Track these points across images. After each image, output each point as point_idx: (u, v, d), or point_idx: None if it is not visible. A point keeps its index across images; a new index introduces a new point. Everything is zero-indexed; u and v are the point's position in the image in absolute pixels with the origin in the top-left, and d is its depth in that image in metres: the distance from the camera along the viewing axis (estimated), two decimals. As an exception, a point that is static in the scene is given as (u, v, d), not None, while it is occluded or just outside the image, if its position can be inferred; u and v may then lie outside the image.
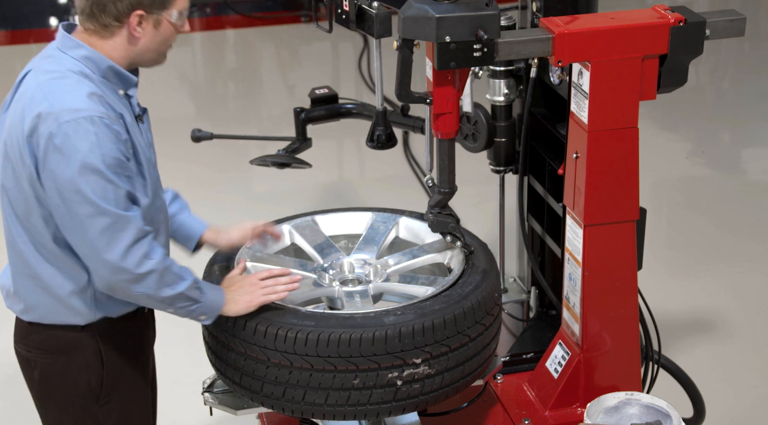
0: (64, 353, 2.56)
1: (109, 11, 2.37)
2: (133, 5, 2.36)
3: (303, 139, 3.30)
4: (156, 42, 2.44)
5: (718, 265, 4.86)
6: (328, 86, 3.46)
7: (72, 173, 2.28)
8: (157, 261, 2.41)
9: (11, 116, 2.39)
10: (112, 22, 2.38)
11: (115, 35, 2.40)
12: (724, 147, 6.40)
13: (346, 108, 3.48)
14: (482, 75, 3.15)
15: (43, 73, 2.38)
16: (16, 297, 2.57)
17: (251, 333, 2.65)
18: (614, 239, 2.92)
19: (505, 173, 3.53)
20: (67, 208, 2.32)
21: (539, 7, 3.15)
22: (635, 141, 2.84)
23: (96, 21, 2.39)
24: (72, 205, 2.31)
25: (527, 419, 3.10)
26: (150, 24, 2.41)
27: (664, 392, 3.26)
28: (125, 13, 2.37)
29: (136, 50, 2.43)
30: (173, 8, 2.42)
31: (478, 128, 3.42)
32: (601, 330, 3.01)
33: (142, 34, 2.41)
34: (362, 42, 7.83)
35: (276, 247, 3.12)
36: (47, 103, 2.31)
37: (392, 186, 5.59)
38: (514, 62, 3.36)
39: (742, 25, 2.86)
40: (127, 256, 2.36)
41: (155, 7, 2.39)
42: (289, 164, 3.20)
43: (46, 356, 2.58)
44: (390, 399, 2.68)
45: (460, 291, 2.77)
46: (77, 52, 2.40)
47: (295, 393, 2.67)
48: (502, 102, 3.40)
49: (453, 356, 2.71)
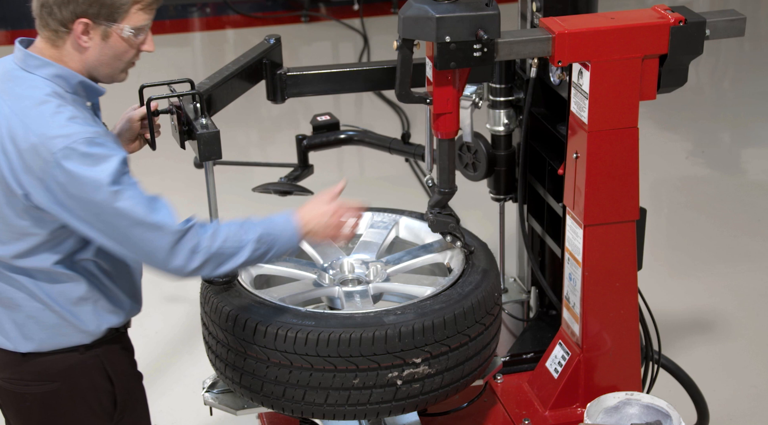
0: (67, 378, 2.49)
1: (55, 16, 2.27)
2: (76, 13, 2.26)
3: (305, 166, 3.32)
4: (107, 55, 2.33)
5: (719, 265, 4.86)
6: (329, 113, 3.47)
7: (103, 196, 2.23)
8: (204, 251, 2.33)
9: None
10: (60, 28, 2.29)
11: (66, 43, 2.31)
12: (724, 147, 6.40)
13: (348, 135, 3.50)
14: (482, 105, 3.16)
15: (17, 99, 2.28)
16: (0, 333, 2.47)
17: (251, 333, 2.65)
18: (614, 239, 2.92)
19: (505, 201, 3.55)
20: (108, 228, 2.27)
21: (539, 7, 3.15)
22: (635, 141, 2.84)
23: (47, 26, 2.30)
24: (111, 222, 2.26)
25: (527, 419, 3.10)
26: (98, 34, 2.29)
27: (664, 392, 3.26)
28: (69, 20, 2.27)
29: (88, 61, 2.33)
30: (124, 22, 2.30)
31: (478, 157, 3.45)
32: (601, 330, 3.01)
33: (90, 44, 2.30)
34: (362, 42, 7.83)
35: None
36: (35, 136, 2.22)
37: (392, 186, 5.59)
38: (514, 93, 3.38)
39: (742, 25, 2.86)
40: (171, 261, 2.31)
41: (102, 17, 2.28)
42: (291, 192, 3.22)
43: (45, 385, 2.49)
44: (390, 399, 2.68)
45: (460, 291, 2.77)
46: (46, 70, 2.31)
47: (295, 392, 2.67)
48: (502, 132, 3.42)
49: (453, 356, 2.71)
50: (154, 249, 2.29)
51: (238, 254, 2.39)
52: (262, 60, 2.85)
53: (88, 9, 2.26)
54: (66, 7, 2.26)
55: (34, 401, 2.50)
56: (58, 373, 2.48)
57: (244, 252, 2.40)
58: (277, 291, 2.90)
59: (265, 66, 2.86)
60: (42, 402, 2.50)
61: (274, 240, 2.45)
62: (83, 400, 2.52)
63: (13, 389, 2.51)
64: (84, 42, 2.30)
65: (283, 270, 3.04)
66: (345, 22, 8.23)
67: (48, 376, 2.48)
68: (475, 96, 3.08)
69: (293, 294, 2.88)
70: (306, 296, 2.93)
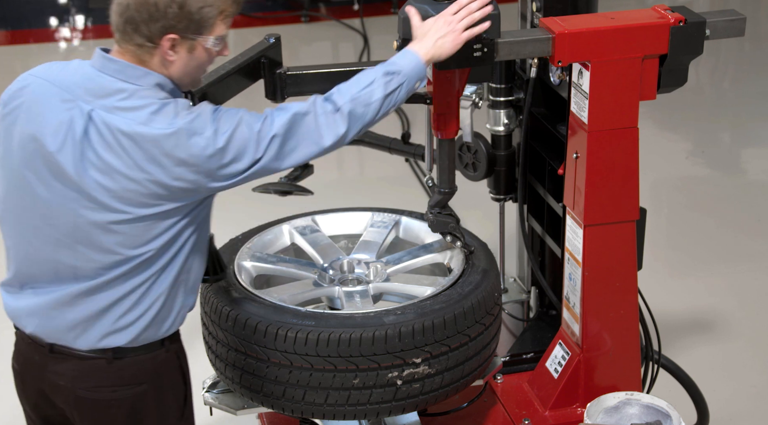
0: (154, 378, 2.44)
1: (142, 32, 2.26)
2: (166, 28, 2.25)
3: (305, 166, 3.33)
4: (191, 66, 2.34)
5: (719, 265, 4.86)
6: None
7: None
8: (343, 109, 2.36)
9: (124, 164, 2.23)
10: (146, 43, 2.27)
11: (152, 58, 2.29)
12: (724, 147, 6.40)
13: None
14: (482, 105, 3.16)
15: (137, 114, 2.24)
16: (92, 331, 2.37)
17: (251, 333, 2.65)
18: (614, 239, 2.92)
19: (505, 201, 3.55)
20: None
21: (539, 7, 3.15)
22: (635, 141, 2.84)
23: (131, 41, 2.28)
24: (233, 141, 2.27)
25: (527, 419, 3.09)
26: (184, 48, 2.30)
27: (664, 392, 3.26)
28: (157, 36, 2.26)
29: (173, 74, 2.33)
30: (210, 35, 2.31)
31: (478, 157, 3.45)
32: (601, 330, 3.01)
33: (176, 58, 2.30)
34: (362, 42, 7.83)
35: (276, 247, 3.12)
36: (173, 128, 2.23)
37: (392, 186, 5.59)
38: (514, 93, 3.38)
39: (742, 25, 2.86)
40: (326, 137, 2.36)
41: (190, 31, 2.28)
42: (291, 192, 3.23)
43: (135, 388, 2.41)
44: (390, 399, 2.68)
45: (460, 291, 2.77)
46: (147, 80, 2.29)
47: (295, 392, 2.67)
48: (502, 132, 3.42)
49: (453, 356, 2.71)
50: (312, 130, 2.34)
51: (373, 94, 2.38)
52: (260, 59, 2.85)
53: (177, 24, 2.26)
54: (155, 23, 2.25)
55: (121, 407, 2.42)
56: (146, 373, 2.42)
57: (377, 91, 2.39)
58: (277, 291, 2.90)
59: (264, 65, 2.86)
60: (131, 407, 2.42)
61: (399, 69, 2.43)
62: (164, 401, 2.47)
63: (98, 397, 2.41)
64: (170, 56, 2.30)
65: (283, 270, 3.04)
66: (345, 22, 8.23)
67: (138, 378, 2.42)
68: (475, 96, 3.08)
69: (293, 295, 2.88)
70: (306, 296, 2.93)
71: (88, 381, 2.40)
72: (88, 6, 8.51)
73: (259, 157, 2.29)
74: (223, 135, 2.25)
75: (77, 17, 8.55)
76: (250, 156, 2.28)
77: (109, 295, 2.34)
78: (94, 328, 2.36)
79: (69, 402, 2.42)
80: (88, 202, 2.27)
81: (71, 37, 8.29)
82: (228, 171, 2.28)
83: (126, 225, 2.28)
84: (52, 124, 2.27)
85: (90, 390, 2.40)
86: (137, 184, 2.25)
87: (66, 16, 8.62)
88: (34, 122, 2.29)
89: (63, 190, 2.28)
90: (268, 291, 2.88)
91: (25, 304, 2.40)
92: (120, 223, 2.28)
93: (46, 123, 2.27)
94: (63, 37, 8.30)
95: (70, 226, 2.30)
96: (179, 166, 2.24)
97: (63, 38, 8.29)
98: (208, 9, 2.28)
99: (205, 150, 2.24)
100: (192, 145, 2.23)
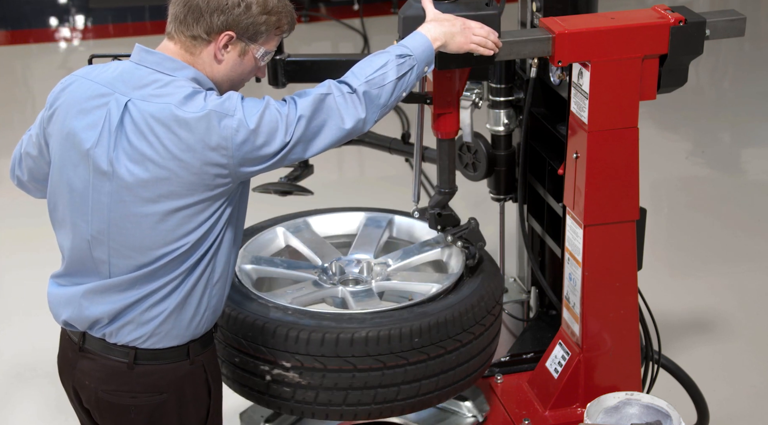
0: (176, 389, 2.42)
1: (203, 23, 2.29)
2: (228, 24, 2.29)
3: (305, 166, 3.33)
4: (236, 72, 2.37)
5: (719, 265, 4.86)
6: None
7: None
8: (358, 92, 2.35)
9: (161, 152, 2.24)
10: (202, 35, 2.30)
11: (202, 52, 2.32)
12: (724, 147, 6.40)
13: None
14: (482, 105, 3.16)
15: (170, 99, 2.25)
16: (124, 330, 2.38)
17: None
18: (614, 239, 2.92)
19: (505, 201, 3.55)
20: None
21: (539, 7, 3.15)
22: (635, 141, 2.84)
23: (187, 31, 2.30)
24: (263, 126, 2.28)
25: (527, 419, 3.09)
26: (236, 50, 2.33)
27: (664, 392, 3.26)
28: (217, 30, 2.30)
29: (217, 75, 2.35)
30: (262, 46, 2.36)
31: (478, 157, 3.45)
32: (601, 330, 3.01)
33: (226, 59, 2.33)
34: (362, 42, 7.84)
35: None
36: (208, 116, 2.24)
37: (392, 186, 5.58)
38: (514, 93, 3.38)
39: (742, 25, 2.86)
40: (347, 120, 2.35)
41: (247, 34, 2.32)
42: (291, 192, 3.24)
43: (155, 397, 2.41)
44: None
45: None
46: (184, 73, 2.31)
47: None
48: (502, 132, 3.42)
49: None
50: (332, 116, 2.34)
51: (387, 76, 2.38)
52: None
53: (239, 24, 2.30)
54: (219, 16, 2.29)
55: (140, 413, 2.42)
56: (168, 384, 2.41)
57: (390, 73, 2.38)
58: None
59: None
60: (149, 415, 2.42)
61: (411, 52, 2.43)
62: (186, 413, 2.46)
63: (119, 401, 2.42)
64: (221, 54, 2.33)
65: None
66: (345, 22, 8.24)
67: (158, 387, 2.41)
68: (475, 96, 3.08)
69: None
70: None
71: (110, 384, 2.41)
72: (88, 6, 8.52)
73: (288, 140, 2.30)
74: (253, 116, 2.26)
75: (77, 17, 8.55)
76: (280, 138, 2.28)
77: (139, 291, 2.35)
78: (121, 319, 2.37)
79: (91, 402, 2.45)
80: (121, 195, 2.29)
81: (71, 37, 8.30)
82: (259, 154, 2.28)
83: (158, 218, 2.29)
84: (89, 119, 2.30)
85: (110, 393, 2.42)
86: (169, 172, 2.25)
87: (66, 16, 8.62)
88: (74, 119, 2.32)
89: (97, 185, 2.30)
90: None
91: (63, 293, 2.43)
92: (151, 216, 2.29)
93: (84, 118, 2.31)
94: (63, 37, 8.30)
95: (104, 222, 2.32)
96: (211, 151, 2.24)
97: (63, 38, 8.29)
98: (268, 18, 2.33)
99: (237, 132, 2.24)
100: (223, 127, 2.24)
